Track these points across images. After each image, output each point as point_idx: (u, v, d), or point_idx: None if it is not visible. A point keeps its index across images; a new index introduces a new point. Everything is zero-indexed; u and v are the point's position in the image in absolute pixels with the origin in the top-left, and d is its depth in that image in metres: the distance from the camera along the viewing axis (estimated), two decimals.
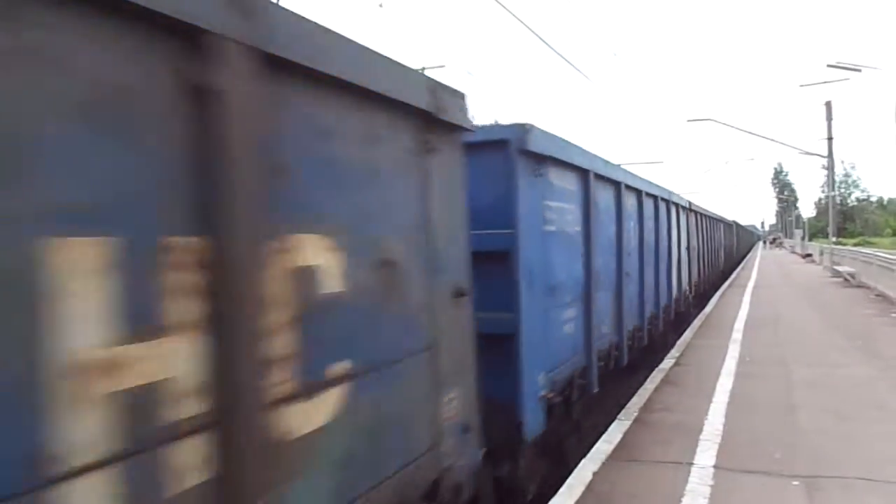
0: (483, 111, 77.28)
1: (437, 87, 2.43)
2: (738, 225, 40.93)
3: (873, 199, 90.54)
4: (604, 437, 5.28)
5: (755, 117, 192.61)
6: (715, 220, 18.40)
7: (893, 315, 12.00)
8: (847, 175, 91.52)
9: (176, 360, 1.43)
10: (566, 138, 4.24)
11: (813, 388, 6.68)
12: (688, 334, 10.67)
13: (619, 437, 5.22)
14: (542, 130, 3.57)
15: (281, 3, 1.87)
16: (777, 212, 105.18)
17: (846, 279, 19.10)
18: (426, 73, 16.07)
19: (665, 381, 7.26)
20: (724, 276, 22.52)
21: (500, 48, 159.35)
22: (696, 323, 12.00)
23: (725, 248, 23.59)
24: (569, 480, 4.21)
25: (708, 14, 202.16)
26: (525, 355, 3.32)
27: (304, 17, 1.75)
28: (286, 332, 1.71)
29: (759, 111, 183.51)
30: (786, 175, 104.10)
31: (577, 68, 48.66)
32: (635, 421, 5.66)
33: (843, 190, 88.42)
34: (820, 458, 4.61)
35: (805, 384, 6.83)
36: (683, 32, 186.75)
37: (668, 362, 8.30)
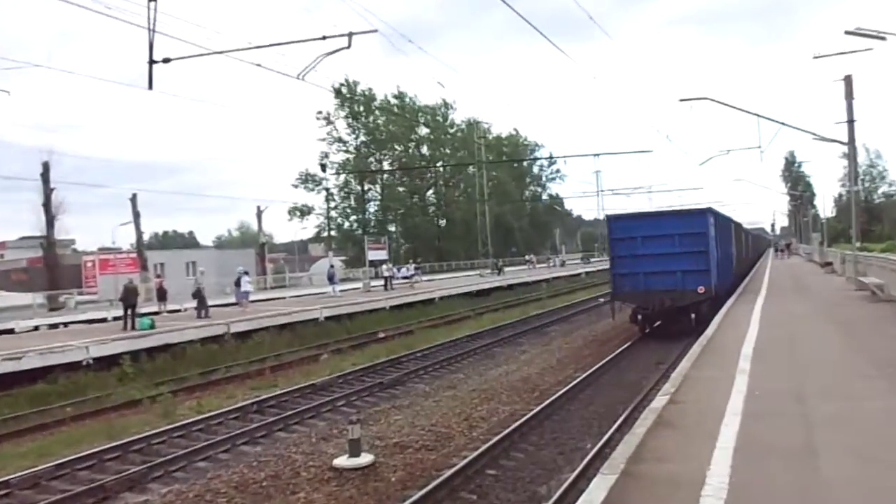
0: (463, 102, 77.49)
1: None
2: (741, 229, 42.63)
3: None
4: (584, 496, 5.39)
5: (760, 98, 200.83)
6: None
7: None
8: (872, 165, 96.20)
9: None
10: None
11: (837, 427, 7.00)
12: (684, 364, 10.99)
13: (601, 495, 5.32)
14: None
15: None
16: (789, 211, 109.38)
17: (873, 292, 20.04)
18: (354, 37, 16.33)
19: (659, 422, 7.45)
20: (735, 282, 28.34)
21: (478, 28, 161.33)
22: (695, 349, 12.38)
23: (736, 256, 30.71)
24: None
25: None
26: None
27: None
28: None
29: (765, 90, 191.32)
30: (799, 167, 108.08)
31: (558, 48, 49.61)
32: (622, 474, 5.77)
33: (867, 184, 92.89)
34: None
35: (827, 423, 7.15)
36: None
37: (660, 400, 8.53)
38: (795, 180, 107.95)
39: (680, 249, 21.27)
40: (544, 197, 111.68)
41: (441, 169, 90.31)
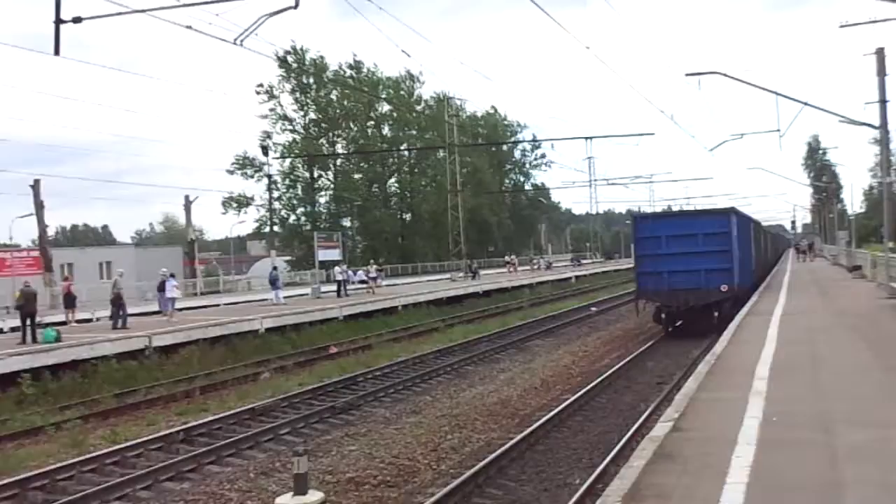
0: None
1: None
2: (760, 228, 43.62)
3: None
4: None
5: (780, 73, 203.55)
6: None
7: None
8: None
9: None
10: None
11: (866, 459, 7.09)
12: (691, 384, 11.10)
13: None
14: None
15: None
16: (812, 205, 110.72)
17: None
18: None
19: (659, 453, 7.51)
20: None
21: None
22: (702, 368, 12.51)
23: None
24: None
25: None
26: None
27: None
28: None
29: (786, 64, 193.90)
30: (824, 154, 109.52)
31: (545, 12, 49.80)
32: None
33: None
34: None
35: (855, 454, 7.24)
36: None
37: (662, 427, 8.59)
38: (819, 170, 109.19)
39: (704, 248, 25.21)
40: (527, 187, 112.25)
41: (406, 153, 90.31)
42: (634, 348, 24.07)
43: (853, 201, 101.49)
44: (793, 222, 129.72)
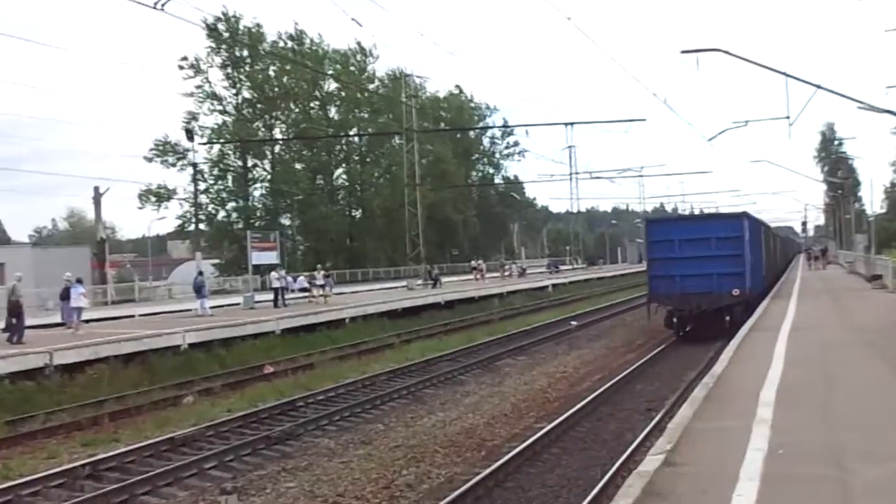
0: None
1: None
2: (769, 232, 45.39)
3: None
4: None
5: (790, 52, 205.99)
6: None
7: None
8: None
9: None
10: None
11: (884, 498, 7.20)
12: (685, 411, 11.17)
13: None
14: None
15: None
16: (826, 204, 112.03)
17: None
18: None
19: (649, 491, 7.54)
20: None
21: None
22: (699, 392, 12.60)
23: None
24: None
25: None
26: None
27: None
28: None
29: (797, 41, 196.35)
30: (839, 145, 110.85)
31: None
32: None
33: None
34: None
35: (872, 493, 7.33)
36: None
37: (652, 461, 8.64)
38: (834, 163, 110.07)
39: (716, 252, 29.00)
40: (498, 180, 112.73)
41: (356, 139, 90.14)
42: (621, 369, 24.23)
43: (873, 200, 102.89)
44: (803, 224, 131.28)
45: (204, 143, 73.67)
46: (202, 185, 72.76)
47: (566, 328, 37.22)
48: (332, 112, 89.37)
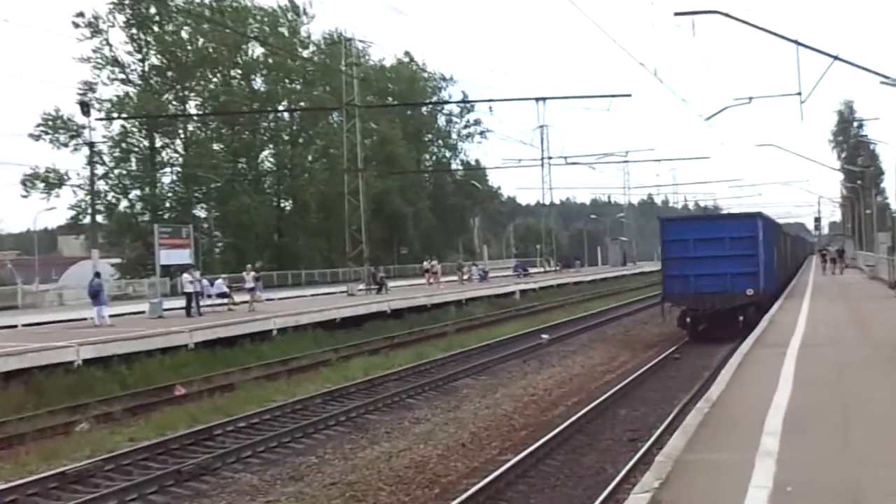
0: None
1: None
2: (781, 231, 50.59)
3: None
4: None
5: (802, 17, 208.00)
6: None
7: None
8: None
9: None
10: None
11: None
12: (676, 441, 11.23)
13: None
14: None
15: None
16: (843, 197, 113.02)
17: None
18: None
19: None
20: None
21: None
22: (693, 419, 12.68)
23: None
24: None
25: None
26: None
27: None
28: None
29: (809, 5, 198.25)
30: (859, 127, 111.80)
31: None
32: None
33: None
34: None
35: None
36: None
37: (636, 500, 8.69)
38: (853, 148, 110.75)
39: (731, 252, 34.50)
40: (456, 166, 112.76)
41: (286, 116, 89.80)
42: (600, 391, 24.38)
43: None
44: (816, 220, 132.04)
45: (103, 119, 73.21)
46: (100, 170, 71.87)
47: (536, 343, 37.32)
48: (258, 83, 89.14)
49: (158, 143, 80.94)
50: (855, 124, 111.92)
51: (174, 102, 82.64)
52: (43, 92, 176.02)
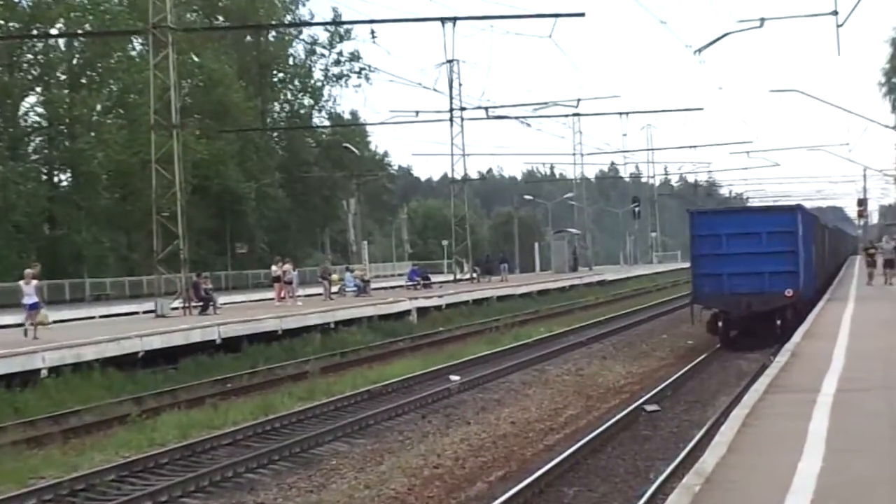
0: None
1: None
2: (819, 224, 58.36)
3: None
4: None
5: None
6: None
7: None
8: None
9: None
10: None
11: None
12: None
13: None
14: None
15: None
16: None
17: None
18: None
19: None
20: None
21: None
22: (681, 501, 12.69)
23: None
24: None
25: None
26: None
27: None
28: None
29: None
30: None
31: None
32: None
33: None
34: None
35: None
36: None
37: None
38: None
39: (768, 249, 43.30)
40: (320, 121, 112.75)
41: (61, 43, 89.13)
42: (538, 459, 24.47)
43: None
44: (861, 203, 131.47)
45: None
46: None
47: (442, 388, 37.42)
48: None
49: None
50: None
51: None
52: None
